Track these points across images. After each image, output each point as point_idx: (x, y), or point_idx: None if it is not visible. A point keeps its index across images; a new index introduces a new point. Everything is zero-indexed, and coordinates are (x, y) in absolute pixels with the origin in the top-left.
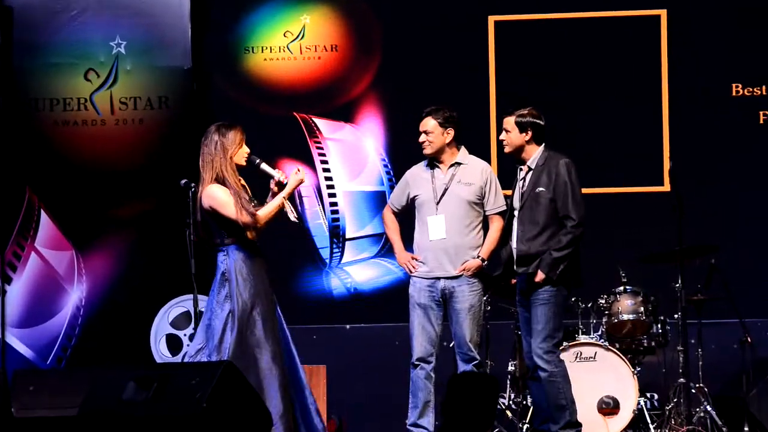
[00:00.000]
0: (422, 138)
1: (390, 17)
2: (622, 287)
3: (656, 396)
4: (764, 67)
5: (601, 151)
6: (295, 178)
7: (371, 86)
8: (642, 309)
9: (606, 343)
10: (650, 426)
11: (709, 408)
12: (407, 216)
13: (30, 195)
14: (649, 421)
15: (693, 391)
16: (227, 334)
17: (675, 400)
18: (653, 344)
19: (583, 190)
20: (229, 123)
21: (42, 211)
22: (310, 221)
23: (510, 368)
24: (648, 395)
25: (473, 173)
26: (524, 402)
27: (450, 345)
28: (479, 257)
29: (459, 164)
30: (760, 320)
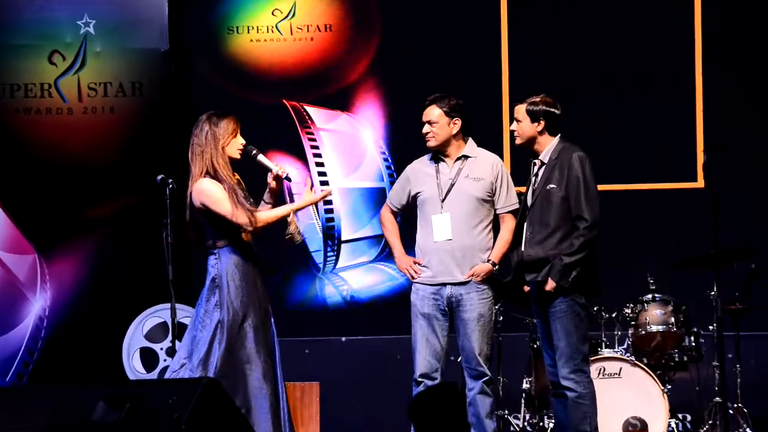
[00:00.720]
0: (426, 129)
1: None
2: (650, 295)
3: (689, 417)
4: None
5: (626, 143)
6: (311, 198)
7: (370, 70)
8: (672, 319)
9: (632, 358)
10: None
11: (749, 431)
12: (408, 216)
13: None
14: None
15: (730, 412)
16: (215, 347)
17: (710, 422)
18: (685, 359)
19: (606, 187)
20: (222, 112)
21: None
22: (302, 222)
23: (525, 386)
24: (679, 416)
25: (482, 167)
26: (540, 423)
27: (457, 359)
28: (490, 261)
29: (466, 157)
30: None
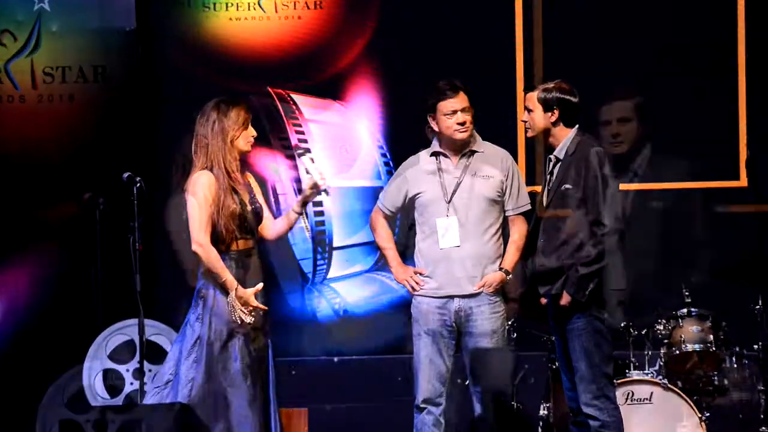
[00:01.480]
0: (460, 119)
1: None
2: (686, 309)
3: None
4: None
5: (660, 138)
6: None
7: (365, 53)
8: (711, 337)
9: (665, 381)
10: None
11: None
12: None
13: None
14: None
15: None
16: (191, 367)
17: None
18: (726, 383)
19: (636, 186)
20: (231, 98)
21: None
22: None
23: (542, 412)
24: None
25: (491, 164)
26: None
27: (465, 382)
28: (502, 269)
29: (473, 152)
30: None
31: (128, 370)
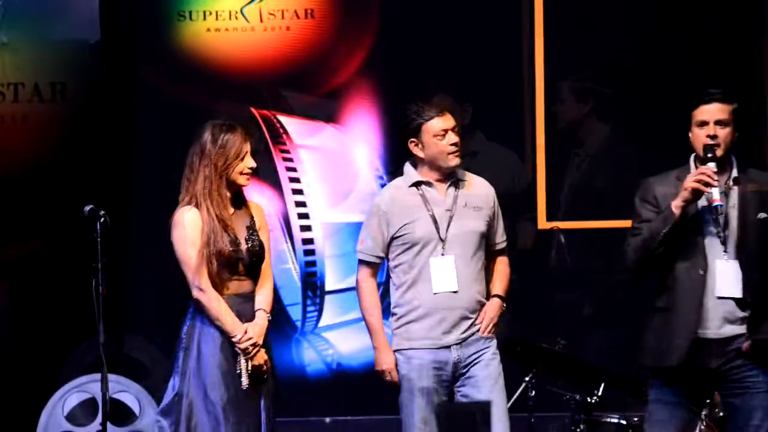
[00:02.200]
0: (452, 139)
1: None
2: None
3: None
4: None
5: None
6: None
7: (363, 69)
8: None
9: None
10: None
11: None
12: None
13: None
14: None
15: None
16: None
17: None
18: None
19: None
20: (229, 123)
21: None
22: (274, 267)
23: None
24: None
25: (478, 194)
26: None
27: None
28: (496, 295)
29: (459, 181)
30: None
31: None
